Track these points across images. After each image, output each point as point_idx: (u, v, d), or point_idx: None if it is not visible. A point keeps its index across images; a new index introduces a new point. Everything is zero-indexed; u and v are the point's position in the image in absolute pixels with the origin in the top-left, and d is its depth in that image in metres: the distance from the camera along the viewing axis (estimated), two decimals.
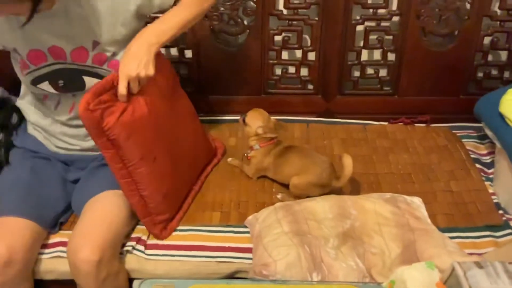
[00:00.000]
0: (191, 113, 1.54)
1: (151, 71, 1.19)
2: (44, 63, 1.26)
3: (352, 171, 1.38)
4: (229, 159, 1.64)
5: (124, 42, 1.26)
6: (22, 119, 1.49)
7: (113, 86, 1.19)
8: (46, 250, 1.33)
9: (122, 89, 1.18)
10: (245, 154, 1.56)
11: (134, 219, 1.37)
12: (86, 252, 1.18)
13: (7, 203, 1.31)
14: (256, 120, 1.52)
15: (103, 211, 1.29)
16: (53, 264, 1.32)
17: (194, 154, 1.53)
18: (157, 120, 1.30)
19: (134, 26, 1.28)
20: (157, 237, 1.36)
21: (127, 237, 1.37)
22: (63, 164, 1.44)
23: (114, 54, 1.30)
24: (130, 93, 1.20)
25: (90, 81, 1.30)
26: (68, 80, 1.29)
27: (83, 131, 1.33)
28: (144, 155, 1.26)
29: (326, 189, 1.43)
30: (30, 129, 1.46)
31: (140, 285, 1.05)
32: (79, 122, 1.26)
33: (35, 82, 1.29)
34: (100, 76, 1.30)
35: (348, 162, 1.38)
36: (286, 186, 1.50)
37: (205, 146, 1.62)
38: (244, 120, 1.54)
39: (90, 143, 1.35)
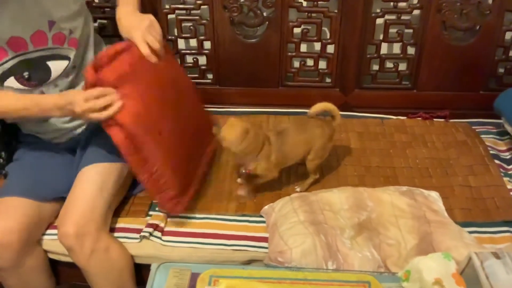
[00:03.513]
0: (190, 86, 1.52)
1: (151, 16, 1.30)
2: (5, 57, 1.27)
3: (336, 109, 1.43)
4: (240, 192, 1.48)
5: (76, 17, 1.34)
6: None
7: (114, 57, 1.22)
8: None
9: (145, 50, 1.25)
10: (243, 171, 1.42)
11: (119, 193, 1.38)
12: (63, 227, 1.24)
13: (3, 186, 1.36)
14: (235, 133, 1.30)
15: (81, 187, 1.32)
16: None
17: (198, 128, 1.50)
18: (160, 93, 1.31)
19: (82, 1, 1.38)
20: (171, 211, 1.36)
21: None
22: (69, 152, 1.46)
23: (71, 32, 1.33)
24: (154, 51, 1.28)
25: (54, 66, 1.33)
26: (33, 70, 1.31)
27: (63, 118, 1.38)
28: (149, 129, 1.25)
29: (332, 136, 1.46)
30: (23, 137, 1.49)
31: (158, 268, 1.06)
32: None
33: (1, 80, 1.29)
34: (63, 57, 1.33)
35: (325, 106, 1.42)
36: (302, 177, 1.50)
37: (206, 120, 1.59)
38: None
39: (74, 123, 1.39)
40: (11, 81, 1.30)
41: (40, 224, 1.34)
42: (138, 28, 1.26)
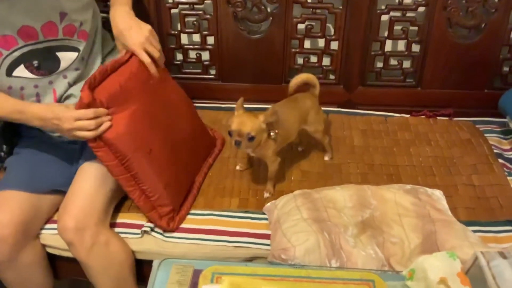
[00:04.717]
0: (185, 102, 1.52)
1: (148, 25, 1.32)
2: (15, 46, 1.26)
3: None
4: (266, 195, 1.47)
5: (86, 9, 1.36)
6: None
7: (107, 75, 1.23)
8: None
9: (146, 58, 1.29)
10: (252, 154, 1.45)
11: (120, 188, 1.35)
12: (63, 222, 1.24)
13: (1, 180, 1.35)
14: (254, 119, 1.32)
15: (80, 182, 1.31)
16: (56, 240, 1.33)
17: (194, 143, 1.50)
18: (151, 112, 1.31)
19: None
20: (165, 230, 1.34)
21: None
22: (70, 145, 1.44)
23: (81, 24, 1.34)
24: (154, 61, 1.32)
25: (64, 56, 1.33)
26: (42, 60, 1.31)
27: None
28: (138, 148, 1.26)
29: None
30: (25, 131, 1.47)
31: (160, 265, 1.05)
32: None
33: (10, 68, 1.28)
34: (73, 48, 1.34)
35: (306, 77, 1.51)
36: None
37: (204, 136, 1.60)
38: (252, 138, 1.30)
39: None
40: (21, 69, 1.29)
41: (37, 217, 1.33)
42: (137, 38, 1.28)
